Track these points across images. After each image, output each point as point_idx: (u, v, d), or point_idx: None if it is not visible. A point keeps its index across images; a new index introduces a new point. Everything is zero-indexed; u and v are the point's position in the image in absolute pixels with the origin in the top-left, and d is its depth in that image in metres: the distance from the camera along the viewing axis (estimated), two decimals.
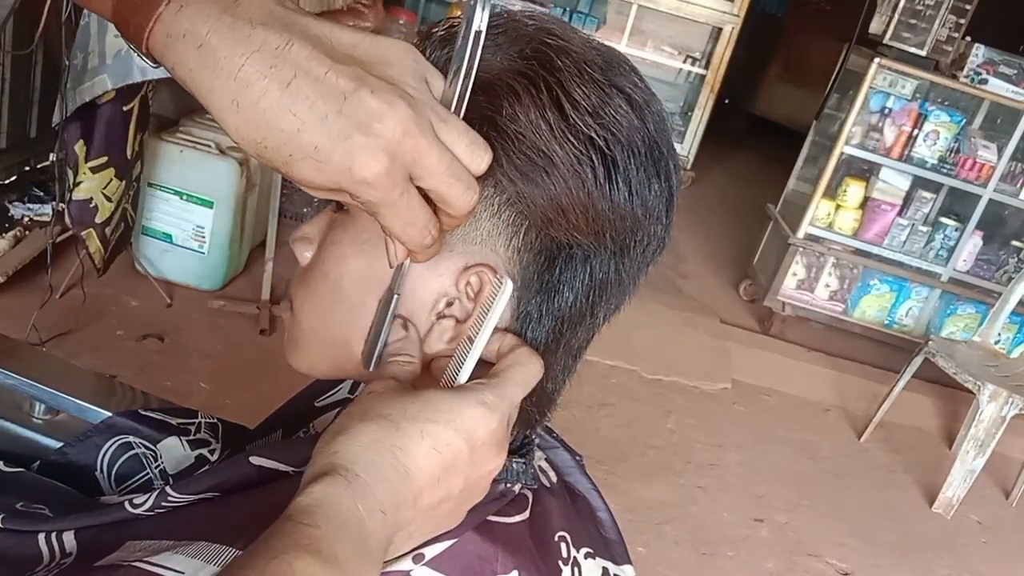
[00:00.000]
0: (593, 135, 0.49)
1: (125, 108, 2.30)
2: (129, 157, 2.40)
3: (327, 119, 0.40)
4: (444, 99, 0.46)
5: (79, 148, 2.23)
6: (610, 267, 0.53)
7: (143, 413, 0.78)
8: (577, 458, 0.69)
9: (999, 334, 3.36)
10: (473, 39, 0.45)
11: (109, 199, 2.35)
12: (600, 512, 0.68)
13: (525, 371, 0.51)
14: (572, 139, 0.49)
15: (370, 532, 0.42)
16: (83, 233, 2.31)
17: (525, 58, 0.50)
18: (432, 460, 0.45)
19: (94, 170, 2.29)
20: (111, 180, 2.34)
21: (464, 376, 0.50)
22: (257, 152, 0.42)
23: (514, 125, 0.48)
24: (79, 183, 2.25)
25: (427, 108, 0.43)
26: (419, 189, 0.44)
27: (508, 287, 0.49)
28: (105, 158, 2.30)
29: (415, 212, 0.44)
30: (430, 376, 0.52)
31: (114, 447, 0.76)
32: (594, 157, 0.49)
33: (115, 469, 0.75)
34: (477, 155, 0.45)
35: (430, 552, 0.49)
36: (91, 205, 2.30)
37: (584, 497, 0.67)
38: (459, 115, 0.46)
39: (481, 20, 0.45)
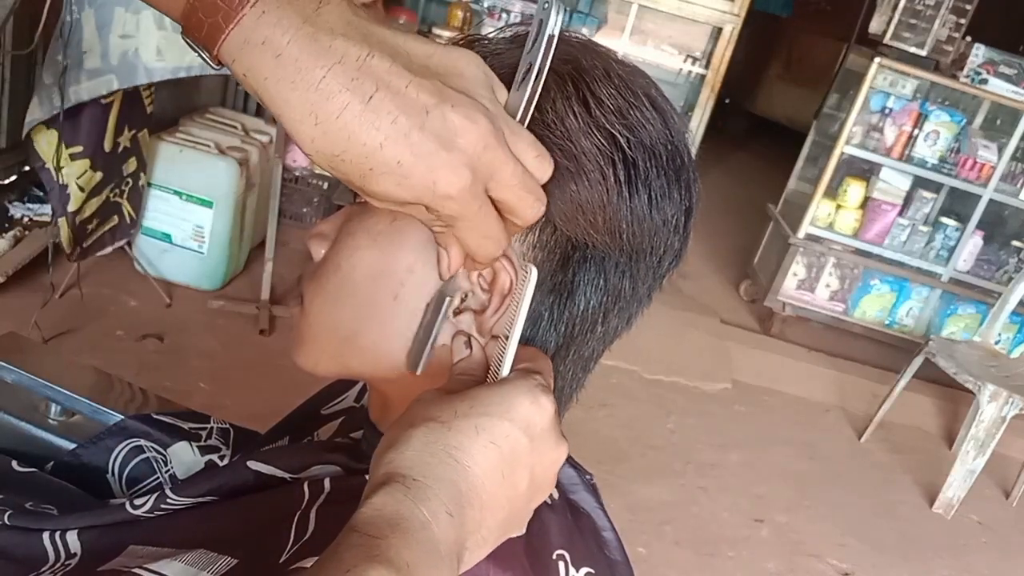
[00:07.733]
0: (616, 134, 0.49)
1: (104, 100, 2.30)
2: (108, 150, 2.40)
3: (410, 135, 0.40)
4: (509, 107, 0.46)
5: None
6: (624, 275, 0.53)
7: (155, 417, 0.77)
8: (587, 477, 0.68)
9: (999, 334, 3.36)
10: (546, 44, 0.45)
11: (82, 189, 2.36)
12: (605, 532, 0.66)
13: (547, 362, 0.51)
14: (595, 134, 0.48)
15: (438, 536, 0.41)
16: (59, 220, 2.33)
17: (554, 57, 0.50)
18: (491, 455, 0.44)
19: (72, 157, 2.30)
20: (86, 171, 2.35)
21: (505, 371, 0.49)
22: (332, 165, 0.41)
23: (536, 120, 0.48)
24: (61, 167, 2.25)
25: (500, 119, 0.43)
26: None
27: (534, 274, 0.49)
28: (80, 147, 2.31)
29: (492, 224, 0.45)
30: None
31: (125, 450, 0.76)
32: (615, 156, 0.49)
33: (126, 472, 0.75)
34: (543, 166, 0.46)
35: None
36: (66, 191, 2.32)
37: (589, 516, 0.66)
38: (524, 124, 0.46)
39: (555, 24, 0.45)
